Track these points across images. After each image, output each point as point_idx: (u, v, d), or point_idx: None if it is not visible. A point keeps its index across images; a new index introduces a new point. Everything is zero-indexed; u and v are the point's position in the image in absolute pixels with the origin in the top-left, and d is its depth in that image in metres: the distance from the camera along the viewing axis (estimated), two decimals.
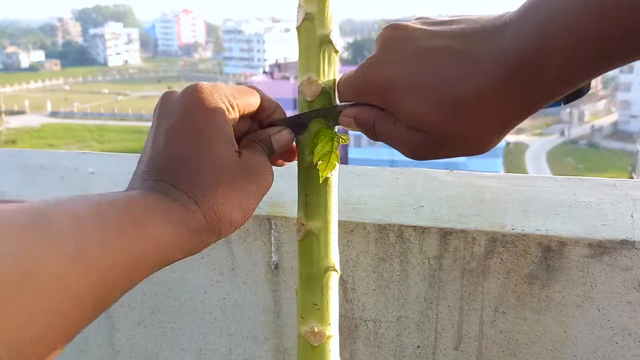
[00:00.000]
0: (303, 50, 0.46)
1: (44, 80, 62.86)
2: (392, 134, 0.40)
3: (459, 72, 0.35)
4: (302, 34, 0.45)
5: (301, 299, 0.47)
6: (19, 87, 58.90)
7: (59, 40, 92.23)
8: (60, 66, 75.85)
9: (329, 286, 0.47)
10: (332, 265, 0.47)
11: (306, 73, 0.45)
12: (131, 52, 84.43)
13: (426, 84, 0.37)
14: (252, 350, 0.73)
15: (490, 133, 0.37)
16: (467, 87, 0.35)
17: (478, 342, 0.66)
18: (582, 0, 0.30)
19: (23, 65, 74.42)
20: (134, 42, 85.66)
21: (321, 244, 0.46)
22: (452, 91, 0.36)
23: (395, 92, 0.38)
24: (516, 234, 0.61)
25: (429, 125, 0.37)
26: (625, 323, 0.61)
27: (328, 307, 0.47)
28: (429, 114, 0.37)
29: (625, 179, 0.76)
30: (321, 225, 0.46)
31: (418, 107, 0.37)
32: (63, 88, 59.58)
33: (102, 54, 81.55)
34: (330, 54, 0.45)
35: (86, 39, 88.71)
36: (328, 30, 0.45)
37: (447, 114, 0.36)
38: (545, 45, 0.32)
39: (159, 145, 0.38)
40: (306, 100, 0.45)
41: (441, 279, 0.64)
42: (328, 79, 0.45)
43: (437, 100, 0.36)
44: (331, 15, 0.45)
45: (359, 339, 0.69)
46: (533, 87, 0.34)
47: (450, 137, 0.37)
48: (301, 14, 0.45)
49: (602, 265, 0.60)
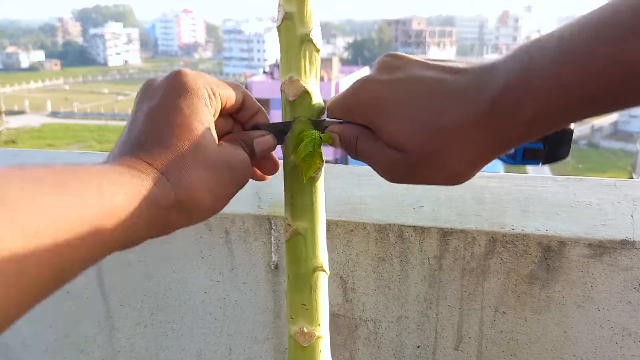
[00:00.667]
0: (284, 49, 0.45)
1: (44, 80, 62.85)
2: (372, 152, 0.41)
3: (446, 101, 0.37)
4: (282, 33, 0.45)
5: (290, 300, 0.47)
6: (19, 87, 58.89)
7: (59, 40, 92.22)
8: (60, 66, 75.86)
9: (318, 286, 0.46)
10: (320, 265, 0.46)
11: (288, 73, 0.45)
12: (131, 52, 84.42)
13: (413, 107, 0.38)
14: (252, 350, 0.73)
15: (467, 163, 0.38)
16: (452, 116, 0.36)
17: (478, 342, 0.66)
18: (562, 50, 0.32)
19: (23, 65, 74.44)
20: (134, 42, 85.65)
21: (308, 244, 0.46)
22: (437, 118, 0.37)
23: (382, 110, 0.39)
24: (516, 234, 0.61)
25: (410, 146, 0.38)
26: (625, 323, 0.61)
27: (317, 308, 0.46)
28: (413, 136, 0.38)
29: (625, 179, 0.76)
30: (307, 226, 0.46)
31: (403, 127, 0.38)
32: (63, 88, 59.56)
33: (102, 54, 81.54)
34: (312, 53, 0.45)
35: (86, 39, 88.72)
36: (308, 29, 0.44)
37: (430, 138, 0.37)
38: (525, 85, 0.33)
39: (136, 125, 0.37)
40: (288, 100, 0.45)
41: (441, 279, 0.64)
42: (310, 79, 0.45)
43: (422, 124, 0.37)
44: (311, 13, 0.45)
45: (359, 339, 0.69)
46: (512, 123, 0.35)
47: (429, 161, 0.38)
48: (281, 13, 0.45)
49: (602, 265, 0.60)
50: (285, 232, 0.47)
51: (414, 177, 0.40)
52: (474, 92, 0.36)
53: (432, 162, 0.38)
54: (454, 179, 0.39)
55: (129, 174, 0.33)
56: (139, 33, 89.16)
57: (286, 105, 0.46)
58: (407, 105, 0.38)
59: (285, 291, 0.48)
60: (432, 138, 0.37)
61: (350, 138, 0.43)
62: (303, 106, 0.45)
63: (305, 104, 0.45)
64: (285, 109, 0.46)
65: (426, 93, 0.38)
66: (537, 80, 0.33)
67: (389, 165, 0.40)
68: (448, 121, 0.36)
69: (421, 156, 0.38)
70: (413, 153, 0.38)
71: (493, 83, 0.35)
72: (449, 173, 0.38)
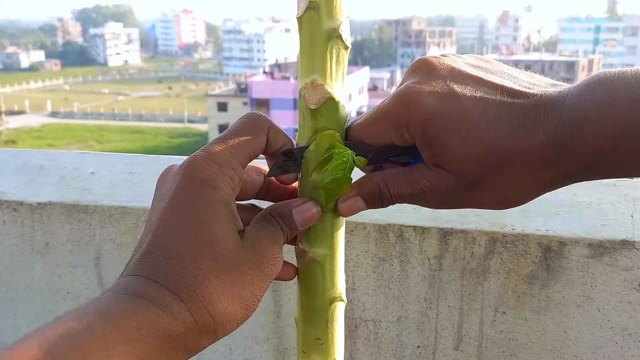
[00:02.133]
0: (305, 46, 0.38)
1: (44, 80, 62.88)
2: (412, 187, 0.37)
3: (512, 128, 0.34)
4: (304, 26, 0.37)
5: (302, 332, 0.41)
6: (19, 87, 58.91)
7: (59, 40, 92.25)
8: (60, 66, 75.91)
9: (335, 318, 0.40)
10: (339, 296, 0.40)
11: (309, 75, 0.38)
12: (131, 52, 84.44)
13: (478, 130, 0.35)
14: (252, 350, 0.73)
15: (521, 192, 0.36)
16: (518, 142, 0.34)
17: (478, 342, 0.66)
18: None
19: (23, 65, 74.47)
20: (134, 42, 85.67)
21: (326, 273, 0.40)
22: (503, 143, 0.34)
23: (442, 127, 0.35)
24: (516, 234, 0.61)
25: (468, 169, 0.36)
26: (625, 323, 0.61)
27: (333, 342, 0.40)
28: (472, 159, 0.35)
29: (625, 179, 0.76)
30: (326, 253, 0.40)
31: (463, 149, 0.35)
32: (63, 88, 59.58)
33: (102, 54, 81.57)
34: (340, 51, 0.38)
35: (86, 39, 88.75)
36: (337, 22, 0.37)
37: (492, 163, 0.35)
38: (595, 125, 0.32)
39: (150, 231, 0.34)
40: (309, 108, 0.38)
41: (441, 279, 0.64)
42: (336, 82, 0.38)
43: (485, 147, 0.35)
44: (341, 3, 0.37)
45: (359, 339, 0.69)
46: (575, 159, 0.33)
47: (483, 186, 0.36)
48: (304, 1, 0.37)
49: (602, 265, 0.60)
50: (299, 259, 0.40)
51: (463, 202, 0.38)
52: (542, 121, 0.34)
53: (486, 187, 0.36)
54: (503, 205, 0.38)
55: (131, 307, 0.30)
56: (139, 33, 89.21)
57: (306, 114, 0.38)
58: (472, 127, 0.35)
59: (296, 320, 0.42)
60: (494, 163, 0.35)
61: (373, 189, 0.38)
62: (327, 116, 0.38)
63: (329, 113, 0.38)
64: (305, 118, 0.39)
65: (492, 116, 0.35)
66: (611, 121, 0.32)
67: (438, 192, 0.37)
68: (515, 147, 0.34)
69: (476, 181, 0.36)
70: (467, 176, 0.36)
71: (565, 123, 0.33)
72: (500, 199, 0.37)
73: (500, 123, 0.35)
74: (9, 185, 0.76)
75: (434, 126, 0.35)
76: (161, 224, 0.33)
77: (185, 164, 0.35)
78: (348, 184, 0.38)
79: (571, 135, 0.33)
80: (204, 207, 0.33)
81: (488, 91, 0.36)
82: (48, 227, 0.72)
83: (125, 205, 0.69)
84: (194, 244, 0.32)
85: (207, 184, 0.34)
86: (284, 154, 0.38)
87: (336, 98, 0.38)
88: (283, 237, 0.37)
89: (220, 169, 0.34)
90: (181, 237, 0.32)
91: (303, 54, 0.38)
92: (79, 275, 0.72)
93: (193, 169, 0.34)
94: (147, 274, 0.32)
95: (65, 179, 0.77)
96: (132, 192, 0.72)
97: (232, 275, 0.33)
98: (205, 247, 0.32)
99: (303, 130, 0.39)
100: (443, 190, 0.37)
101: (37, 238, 0.72)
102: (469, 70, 0.37)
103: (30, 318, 0.76)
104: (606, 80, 0.33)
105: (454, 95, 0.35)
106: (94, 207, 0.70)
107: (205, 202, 0.33)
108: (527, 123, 0.34)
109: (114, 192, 0.72)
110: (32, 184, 0.76)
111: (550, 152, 0.34)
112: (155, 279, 0.31)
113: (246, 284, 0.33)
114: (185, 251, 0.32)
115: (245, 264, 0.34)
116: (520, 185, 0.36)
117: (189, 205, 0.33)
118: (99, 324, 0.28)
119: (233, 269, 0.33)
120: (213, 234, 0.33)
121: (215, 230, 0.33)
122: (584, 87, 0.34)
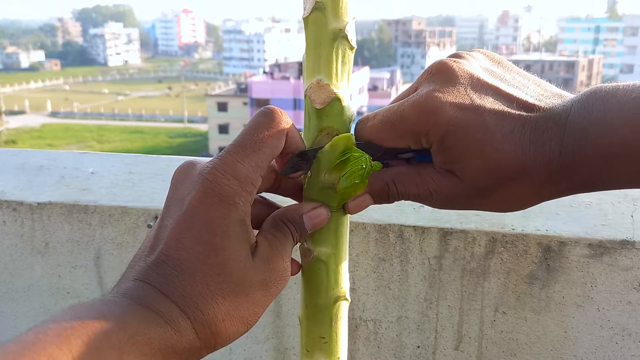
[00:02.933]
0: (311, 46, 0.38)
1: (44, 81, 62.88)
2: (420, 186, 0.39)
3: (526, 145, 0.36)
4: (310, 26, 0.38)
5: (306, 331, 0.41)
6: (19, 87, 58.91)
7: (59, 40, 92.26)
8: (60, 66, 75.94)
9: (339, 317, 0.41)
10: (343, 295, 0.41)
11: (315, 75, 0.38)
12: (131, 52, 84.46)
13: (495, 144, 0.36)
14: (252, 350, 0.73)
15: (525, 200, 0.38)
16: (531, 160, 0.36)
17: (478, 342, 0.66)
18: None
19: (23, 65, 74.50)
20: (134, 42, 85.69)
21: (330, 272, 0.40)
22: (515, 159, 0.36)
23: (460, 140, 0.36)
24: (516, 234, 0.61)
25: (480, 180, 0.37)
26: (625, 323, 0.61)
27: (337, 340, 0.41)
28: (486, 171, 0.37)
29: None
30: (331, 252, 0.40)
31: (478, 162, 0.37)
32: (63, 88, 59.59)
33: (102, 54, 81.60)
34: (345, 51, 0.38)
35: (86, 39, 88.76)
36: (343, 22, 0.38)
37: (503, 175, 0.37)
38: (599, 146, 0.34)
39: (161, 239, 0.34)
40: (315, 107, 0.38)
41: (441, 279, 0.64)
42: (342, 82, 0.39)
43: (500, 160, 0.36)
44: (347, 4, 0.38)
45: (359, 339, 0.69)
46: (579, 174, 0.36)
47: (489, 194, 0.38)
48: (310, 1, 0.38)
49: (602, 265, 0.60)
50: (304, 258, 0.41)
51: (467, 206, 0.40)
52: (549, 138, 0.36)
53: (494, 196, 0.38)
54: (503, 211, 0.40)
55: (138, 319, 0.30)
56: (139, 33, 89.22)
57: (312, 113, 0.39)
58: (488, 140, 0.36)
59: (300, 319, 0.42)
60: (505, 175, 0.37)
61: (382, 187, 0.39)
62: (332, 116, 0.39)
63: (334, 113, 0.38)
64: (310, 118, 0.39)
65: (508, 130, 0.36)
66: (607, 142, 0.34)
67: (445, 195, 0.38)
68: (526, 162, 0.36)
69: (486, 190, 0.37)
70: (478, 186, 0.37)
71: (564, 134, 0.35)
72: (503, 206, 0.39)
73: (514, 137, 0.36)
74: (9, 185, 0.76)
75: (453, 137, 0.36)
76: (175, 234, 0.33)
77: (205, 175, 0.34)
78: (363, 188, 0.39)
79: (572, 153, 0.35)
80: (219, 226, 0.33)
81: (505, 103, 0.37)
82: (48, 227, 0.72)
83: (125, 205, 0.69)
84: (206, 263, 0.33)
85: (226, 202, 0.33)
86: (299, 155, 0.39)
87: (342, 98, 0.38)
88: (293, 244, 0.38)
89: (240, 186, 0.34)
90: (194, 255, 0.33)
91: (309, 54, 0.38)
92: (79, 275, 0.72)
93: (213, 182, 0.34)
94: (159, 285, 0.32)
95: (65, 179, 0.77)
96: (132, 192, 0.72)
97: (238, 297, 0.33)
98: (216, 270, 0.33)
99: (308, 130, 0.40)
100: (450, 195, 0.38)
101: (37, 238, 0.72)
102: (487, 80, 0.38)
103: (30, 318, 0.76)
104: (602, 97, 0.35)
105: (475, 108, 0.36)
106: (94, 207, 0.70)
107: (221, 221, 0.33)
108: (537, 139, 0.36)
109: (114, 192, 0.72)
110: (32, 184, 0.76)
111: (554, 169, 0.36)
112: (167, 293, 0.32)
113: (250, 305, 0.34)
114: (196, 269, 0.33)
115: (253, 286, 0.34)
116: (524, 195, 0.38)
117: (204, 221, 0.33)
118: (117, 334, 0.29)
119: (240, 291, 0.33)
120: (226, 257, 0.33)
121: (227, 253, 0.33)
122: (584, 102, 0.35)
